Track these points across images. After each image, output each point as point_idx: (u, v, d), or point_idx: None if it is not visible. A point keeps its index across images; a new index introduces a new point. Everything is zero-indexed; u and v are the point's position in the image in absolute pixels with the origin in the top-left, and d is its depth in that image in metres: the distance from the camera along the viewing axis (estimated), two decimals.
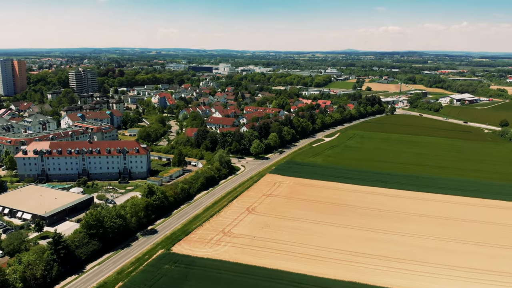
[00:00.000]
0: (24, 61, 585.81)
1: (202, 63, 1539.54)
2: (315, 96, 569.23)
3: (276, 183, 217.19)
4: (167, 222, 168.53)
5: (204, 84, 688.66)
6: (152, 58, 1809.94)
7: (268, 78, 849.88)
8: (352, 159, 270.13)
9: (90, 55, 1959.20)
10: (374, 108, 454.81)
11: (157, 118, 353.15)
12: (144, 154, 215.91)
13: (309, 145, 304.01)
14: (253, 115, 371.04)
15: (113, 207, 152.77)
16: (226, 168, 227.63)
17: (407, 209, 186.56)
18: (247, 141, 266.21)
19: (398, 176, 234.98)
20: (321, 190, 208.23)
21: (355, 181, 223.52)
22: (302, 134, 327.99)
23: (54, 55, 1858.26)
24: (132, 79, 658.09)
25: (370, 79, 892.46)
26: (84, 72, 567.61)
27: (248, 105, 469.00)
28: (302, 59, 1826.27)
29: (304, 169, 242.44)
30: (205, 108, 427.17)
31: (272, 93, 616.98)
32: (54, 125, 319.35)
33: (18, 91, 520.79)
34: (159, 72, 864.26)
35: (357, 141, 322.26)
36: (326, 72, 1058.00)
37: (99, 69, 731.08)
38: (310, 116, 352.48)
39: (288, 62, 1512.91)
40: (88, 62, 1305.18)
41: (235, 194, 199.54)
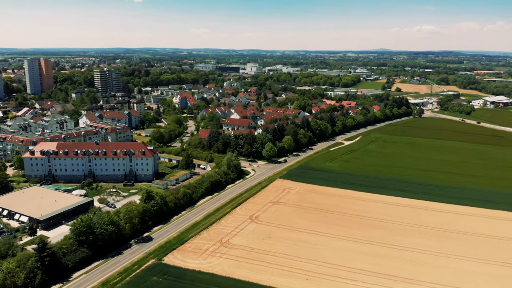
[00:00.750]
0: (50, 61, 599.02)
1: (230, 63, 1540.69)
2: (340, 97, 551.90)
3: (285, 189, 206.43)
4: (164, 229, 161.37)
5: (228, 84, 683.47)
6: (183, 58, 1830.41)
7: (294, 78, 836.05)
8: (371, 165, 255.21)
9: (124, 55, 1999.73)
10: (401, 110, 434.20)
11: (174, 118, 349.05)
12: (150, 157, 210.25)
13: (326, 149, 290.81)
14: (271, 117, 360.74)
15: (106, 213, 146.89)
16: (234, 172, 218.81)
17: (429, 222, 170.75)
18: (260, 144, 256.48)
19: (421, 185, 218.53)
20: (333, 199, 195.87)
21: (372, 189, 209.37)
22: (320, 137, 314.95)
23: (89, 55, 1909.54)
24: (157, 79, 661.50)
25: (401, 80, 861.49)
26: (109, 72, 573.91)
27: (269, 105, 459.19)
28: (332, 59, 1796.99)
29: (318, 175, 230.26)
30: (224, 109, 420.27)
31: (296, 93, 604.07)
32: (72, 124, 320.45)
33: (45, 89, 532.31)
34: (186, 72, 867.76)
35: (378, 145, 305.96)
36: (356, 72, 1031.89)
37: (126, 69, 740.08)
38: (330, 118, 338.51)
39: (317, 62, 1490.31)
40: (120, 62, 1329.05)
41: (240, 200, 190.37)
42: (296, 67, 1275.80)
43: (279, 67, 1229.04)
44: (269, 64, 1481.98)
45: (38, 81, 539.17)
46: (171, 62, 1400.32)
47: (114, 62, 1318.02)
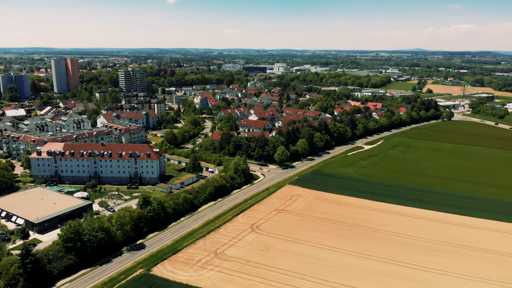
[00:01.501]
0: (76, 61, 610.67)
1: (259, 63, 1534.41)
2: (367, 98, 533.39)
3: (293, 197, 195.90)
4: (159, 237, 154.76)
5: (252, 84, 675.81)
6: (213, 58, 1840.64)
7: (321, 78, 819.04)
8: (390, 171, 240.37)
9: (156, 55, 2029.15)
10: (429, 113, 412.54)
11: (190, 119, 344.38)
12: (155, 159, 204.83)
13: (344, 153, 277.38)
14: (289, 118, 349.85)
15: (96, 219, 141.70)
16: (242, 176, 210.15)
17: (451, 238, 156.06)
18: (272, 147, 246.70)
19: (442, 195, 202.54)
20: (343, 208, 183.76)
21: (387, 198, 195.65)
22: (339, 140, 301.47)
23: (123, 55, 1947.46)
24: (181, 79, 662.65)
25: (434, 81, 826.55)
26: (133, 72, 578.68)
27: (290, 106, 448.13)
28: (364, 59, 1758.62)
29: (330, 181, 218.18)
30: (244, 110, 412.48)
31: (321, 94, 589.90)
32: (89, 124, 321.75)
33: (71, 89, 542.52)
34: (213, 72, 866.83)
35: (400, 150, 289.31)
36: (387, 72, 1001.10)
37: (152, 69, 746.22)
38: (351, 120, 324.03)
39: (347, 62, 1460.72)
40: (151, 62, 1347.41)
41: (244, 207, 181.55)
42: (325, 67, 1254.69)
43: (307, 67, 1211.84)
44: (298, 64, 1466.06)
45: (65, 80, 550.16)
46: (200, 62, 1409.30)
47: (145, 62, 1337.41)
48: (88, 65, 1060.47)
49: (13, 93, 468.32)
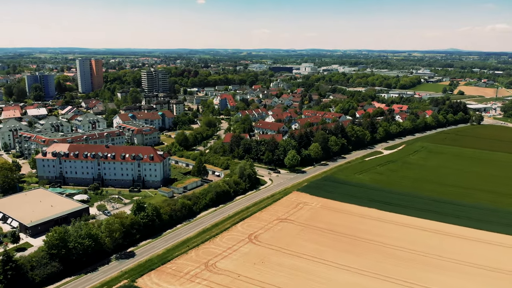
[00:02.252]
0: (100, 61, 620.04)
1: (286, 63, 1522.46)
2: (393, 100, 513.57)
3: (299, 205, 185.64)
4: (151, 245, 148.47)
5: (275, 85, 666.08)
6: (241, 58, 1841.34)
7: (347, 79, 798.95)
8: (408, 179, 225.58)
9: (186, 55, 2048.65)
10: (456, 116, 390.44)
11: (206, 120, 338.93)
12: (159, 162, 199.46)
13: (361, 158, 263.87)
14: (306, 120, 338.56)
15: (84, 225, 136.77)
16: (247, 181, 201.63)
17: (467, 256, 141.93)
18: (282, 151, 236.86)
19: (459, 206, 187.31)
20: (351, 219, 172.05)
21: (399, 208, 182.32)
22: (357, 144, 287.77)
23: (154, 55, 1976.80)
24: (204, 79, 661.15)
25: (466, 82, 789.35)
26: (155, 72, 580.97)
27: (311, 108, 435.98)
28: (395, 58, 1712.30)
29: (341, 189, 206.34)
30: (262, 111, 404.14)
31: (346, 95, 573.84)
32: (104, 124, 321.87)
33: (94, 88, 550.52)
34: (239, 72, 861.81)
35: (421, 156, 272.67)
36: (417, 73, 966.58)
37: (177, 69, 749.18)
38: (371, 123, 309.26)
39: (378, 62, 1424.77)
40: (180, 62, 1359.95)
41: (245, 215, 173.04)
42: (353, 67, 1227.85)
43: (335, 67, 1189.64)
44: (326, 64, 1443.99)
45: (89, 80, 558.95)
46: (228, 63, 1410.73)
47: (174, 63, 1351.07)
48: (117, 65, 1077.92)
49: (37, 92, 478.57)
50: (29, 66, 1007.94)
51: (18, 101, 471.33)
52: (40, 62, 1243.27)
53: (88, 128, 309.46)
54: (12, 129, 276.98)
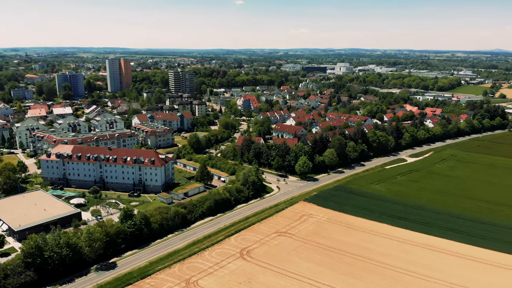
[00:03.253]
0: (129, 61, 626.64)
1: (322, 63, 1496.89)
2: (427, 103, 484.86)
3: (303, 217, 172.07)
4: (136, 256, 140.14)
5: (304, 85, 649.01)
6: (277, 58, 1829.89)
7: (382, 80, 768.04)
8: (430, 191, 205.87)
9: (222, 56, 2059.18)
10: (494, 121, 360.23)
11: (222, 122, 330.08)
12: (159, 166, 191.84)
13: (381, 166, 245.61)
14: (328, 124, 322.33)
15: (63, 233, 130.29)
16: (251, 189, 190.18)
17: (490, 285, 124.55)
18: (293, 157, 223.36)
19: (487, 224, 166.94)
20: (357, 234, 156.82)
21: (417, 225, 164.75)
22: (380, 151, 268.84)
23: (192, 56, 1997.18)
24: (232, 80, 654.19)
25: (510, 85, 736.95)
26: (183, 73, 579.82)
27: (337, 110, 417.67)
28: (437, 59, 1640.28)
29: (352, 200, 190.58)
30: (284, 113, 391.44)
31: (378, 96, 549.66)
32: (121, 125, 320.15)
33: (123, 88, 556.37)
34: (269, 72, 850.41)
35: (449, 165, 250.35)
36: (458, 74, 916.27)
37: (206, 69, 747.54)
38: (396, 128, 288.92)
39: (417, 62, 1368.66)
40: (215, 63, 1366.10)
41: (242, 226, 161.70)
42: (391, 67, 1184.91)
43: (371, 67, 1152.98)
44: (364, 63, 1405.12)
45: (118, 80, 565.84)
46: (262, 63, 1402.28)
47: (209, 63, 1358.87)
48: (153, 65, 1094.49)
49: (66, 91, 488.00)
50: (69, 66, 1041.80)
51: (48, 100, 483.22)
52: (81, 62, 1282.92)
53: (105, 128, 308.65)
54: (29, 128, 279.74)
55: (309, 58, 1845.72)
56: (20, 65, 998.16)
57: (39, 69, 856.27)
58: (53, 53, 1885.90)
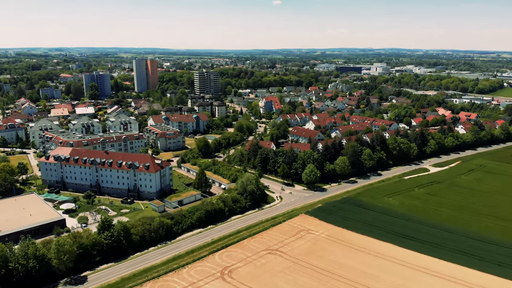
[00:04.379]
0: (155, 60, 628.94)
1: (359, 63, 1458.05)
2: (463, 106, 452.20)
3: (301, 232, 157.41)
4: (110, 270, 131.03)
5: (333, 86, 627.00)
6: (313, 58, 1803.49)
7: (419, 81, 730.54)
8: (450, 206, 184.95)
9: (258, 56, 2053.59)
10: None
11: (237, 125, 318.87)
12: (153, 172, 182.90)
13: (399, 177, 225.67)
14: (349, 128, 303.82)
15: (32, 244, 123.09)
16: (248, 199, 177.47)
17: None
18: (300, 165, 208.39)
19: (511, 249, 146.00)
20: (357, 256, 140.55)
21: (427, 247, 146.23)
22: (401, 159, 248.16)
23: (228, 56, 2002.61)
24: (258, 80, 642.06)
25: None
26: (207, 74, 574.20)
27: (363, 113, 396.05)
28: (481, 60, 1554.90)
29: (360, 215, 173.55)
30: (305, 116, 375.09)
31: (411, 99, 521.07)
32: (136, 126, 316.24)
33: (150, 88, 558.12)
34: (300, 72, 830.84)
35: (476, 177, 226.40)
36: (502, 76, 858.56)
37: (234, 70, 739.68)
38: (421, 135, 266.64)
39: (459, 63, 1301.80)
40: (249, 63, 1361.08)
41: (230, 241, 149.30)
42: (431, 68, 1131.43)
43: (410, 67, 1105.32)
44: (403, 64, 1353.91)
45: (145, 80, 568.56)
46: (297, 63, 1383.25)
47: (244, 63, 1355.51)
48: (187, 66, 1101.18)
49: (93, 91, 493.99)
50: (106, 65, 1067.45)
51: (75, 99, 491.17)
52: (119, 62, 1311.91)
53: (120, 129, 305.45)
54: (43, 128, 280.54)
55: (346, 58, 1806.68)
56: (59, 64, 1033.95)
57: (76, 69, 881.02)
58: (95, 53, 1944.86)
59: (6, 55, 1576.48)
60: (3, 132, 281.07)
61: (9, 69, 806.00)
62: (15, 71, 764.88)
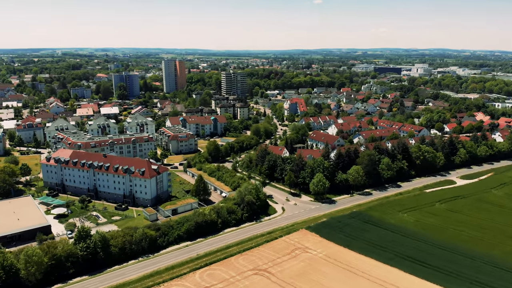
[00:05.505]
0: (183, 62, 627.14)
1: (401, 64, 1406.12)
2: (504, 111, 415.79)
3: (296, 250, 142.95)
4: (82, 284, 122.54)
5: (366, 88, 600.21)
6: (353, 58, 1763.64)
7: (461, 83, 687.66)
8: (472, 226, 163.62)
9: (298, 56, 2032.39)
10: None
11: (253, 128, 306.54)
12: (148, 178, 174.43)
13: (420, 189, 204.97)
14: (371, 134, 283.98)
15: (0, 253, 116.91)
16: (245, 210, 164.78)
17: None
18: (309, 173, 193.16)
19: None
20: (355, 282, 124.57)
21: (437, 275, 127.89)
22: (424, 169, 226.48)
23: (266, 57, 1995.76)
24: (288, 81, 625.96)
25: None
26: (234, 74, 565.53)
27: (394, 117, 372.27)
28: None
29: (368, 233, 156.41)
30: (330, 119, 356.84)
31: (449, 102, 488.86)
32: (152, 127, 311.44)
33: (178, 89, 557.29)
34: (340, 73, 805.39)
35: (508, 191, 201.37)
36: None
37: (264, 71, 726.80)
38: (450, 143, 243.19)
39: (508, 64, 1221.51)
40: (286, 64, 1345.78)
41: (217, 257, 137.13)
42: (476, 69, 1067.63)
43: (453, 68, 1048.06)
44: (447, 65, 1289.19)
45: (173, 80, 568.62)
46: (334, 63, 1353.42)
47: (280, 64, 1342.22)
48: (222, 67, 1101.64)
49: (121, 91, 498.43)
50: (146, 66, 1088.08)
51: (104, 99, 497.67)
52: (158, 62, 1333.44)
53: (136, 130, 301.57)
54: (59, 128, 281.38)
55: (388, 59, 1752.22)
56: (99, 64, 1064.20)
57: (113, 69, 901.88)
58: (138, 54, 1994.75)
59: (53, 55, 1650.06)
60: (21, 132, 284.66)
61: (50, 68, 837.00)
62: (55, 71, 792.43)
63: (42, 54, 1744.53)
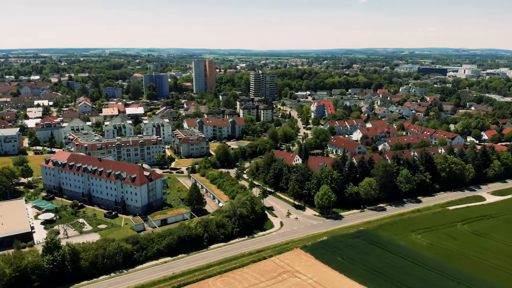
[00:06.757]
0: (213, 62, 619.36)
1: (449, 64, 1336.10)
2: None
3: (284, 274, 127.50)
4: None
5: (404, 90, 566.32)
6: (399, 58, 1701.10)
7: (509, 86, 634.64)
8: (497, 252, 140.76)
9: (341, 55, 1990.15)
10: None
11: (270, 132, 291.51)
12: (138, 185, 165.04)
13: (442, 206, 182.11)
14: (397, 140, 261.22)
15: None
16: (237, 224, 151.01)
17: None
18: (315, 184, 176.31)
19: None
20: None
21: None
22: (451, 182, 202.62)
23: (308, 56, 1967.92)
24: (320, 82, 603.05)
25: None
26: (263, 75, 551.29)
27: (428, 123, 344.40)
28: None
29: (371, 256, 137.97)
30: (357, 123, 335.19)
31: (493, 106, 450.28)
32: (169, 129, 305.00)
33: (207, 89, 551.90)
34: (380, 73, 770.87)
35: None
36: None
37: (298, 71, 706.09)
38: (483, 153, 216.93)
39: None
40: (326, 63, 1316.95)
41: (193, 278, 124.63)
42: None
43: (504, 70, 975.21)
44: (497, 66, 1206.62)
45: (203, 81, 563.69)
46: (378, 63, 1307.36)
47: (321, 63, 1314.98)
48: (260, 67, 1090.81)
49: (151, 91, 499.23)
50: (185, 66, 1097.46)
51: (134, 99, 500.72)
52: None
53: (152, 131, 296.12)
54: (75, 129, 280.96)
55: (436, 59, 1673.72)
56: (140, 64, 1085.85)
57: (152, 69, 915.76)
58: (182, 54, 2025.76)
59: (100, 55, 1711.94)
60: (39, 131, 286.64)
61: (91, 67, 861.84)
62: (95, 70, 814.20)
63: (90, 54, 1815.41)
